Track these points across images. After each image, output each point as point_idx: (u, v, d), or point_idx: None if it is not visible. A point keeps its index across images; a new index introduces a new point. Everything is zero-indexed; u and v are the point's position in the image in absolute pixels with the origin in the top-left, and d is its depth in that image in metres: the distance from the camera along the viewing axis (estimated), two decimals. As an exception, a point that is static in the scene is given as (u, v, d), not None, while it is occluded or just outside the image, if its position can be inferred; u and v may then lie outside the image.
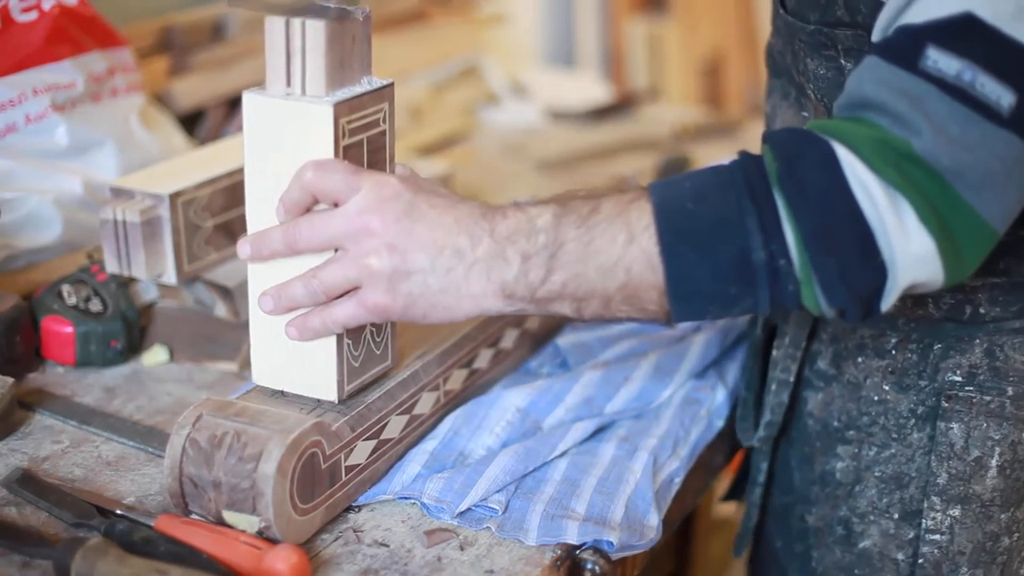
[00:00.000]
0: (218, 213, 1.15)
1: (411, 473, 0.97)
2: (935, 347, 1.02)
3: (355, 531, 0.91)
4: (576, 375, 1.10)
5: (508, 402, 1.05)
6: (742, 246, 0.82)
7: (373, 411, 0.95)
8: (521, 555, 0.90)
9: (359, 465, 0.93)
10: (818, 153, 0.82)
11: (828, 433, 1.08)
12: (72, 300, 1.14)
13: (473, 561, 0.89)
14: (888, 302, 0.83)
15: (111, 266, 1.11)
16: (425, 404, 1.01)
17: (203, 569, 0.82)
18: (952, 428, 1.01)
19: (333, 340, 0.91)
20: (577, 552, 0.91)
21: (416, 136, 1.83)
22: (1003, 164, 0.81)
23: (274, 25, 0.87)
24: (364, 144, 0.90)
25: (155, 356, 1.16)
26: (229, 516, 0.86)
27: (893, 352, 1.04)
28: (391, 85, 0.92)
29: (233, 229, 1.16)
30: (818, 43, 0.97)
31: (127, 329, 1.14)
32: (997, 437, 1.00)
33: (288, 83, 0.87)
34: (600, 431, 1.06)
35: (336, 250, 0.87)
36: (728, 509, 1.67)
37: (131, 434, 1.02)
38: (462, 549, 0.90)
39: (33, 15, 1.22)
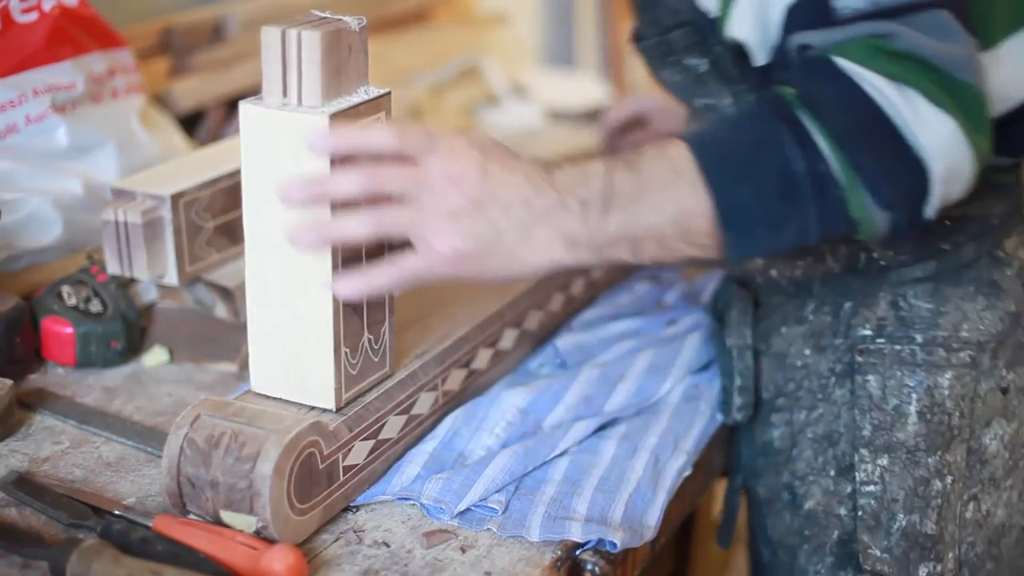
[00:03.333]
0: (219, 214, 1.15)
1: (410, 474, 0.97)
2: (845, 305, 1.07)
3: (355, 532, 0.92)
4: (574, 374, 1.11)
5: (508, 402, 1.05)
6: (782, 160, 0.86)
7: (371, 411, 0.95)
8: (521, 556, 0.90)
9: (357, 465, 0.93)
10: (826, 68, 0.88)
11: (761, 405, 1.13)
12: (72, 301, 1.14)
13: (473, 562, 0.89)
14: (932, 204, 0.87)
15: (112, 267, 1.11)
16: (423, 404, 1.01)
17: (199, 569, 0.82)
18: (869, 380, 1.05)
19: (331, 348, 0.91)
20: (577, 553, 0.91)
21: (416, 137, 1.82)
22: (956, 47, 0.87)
23: (270, 35, 0.87)
24: None
25: (155, 357, 1.16)
26: (227, 516, 0.87)
27: (811, 317, 1.09)
28: (388, 94, 0.92)
29: (234, 230, 1.16)
30: (663, 52, 1.05)
31: (127, 330, 1.14)
32: (912, 384, 1.04)
33: (284, 93, 0.87)
34: (600, 429, 1.07)
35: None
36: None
37: (131, 434, 1.02)
38: (463, 551, 0.90)
39: (33, 16, 1.22)
